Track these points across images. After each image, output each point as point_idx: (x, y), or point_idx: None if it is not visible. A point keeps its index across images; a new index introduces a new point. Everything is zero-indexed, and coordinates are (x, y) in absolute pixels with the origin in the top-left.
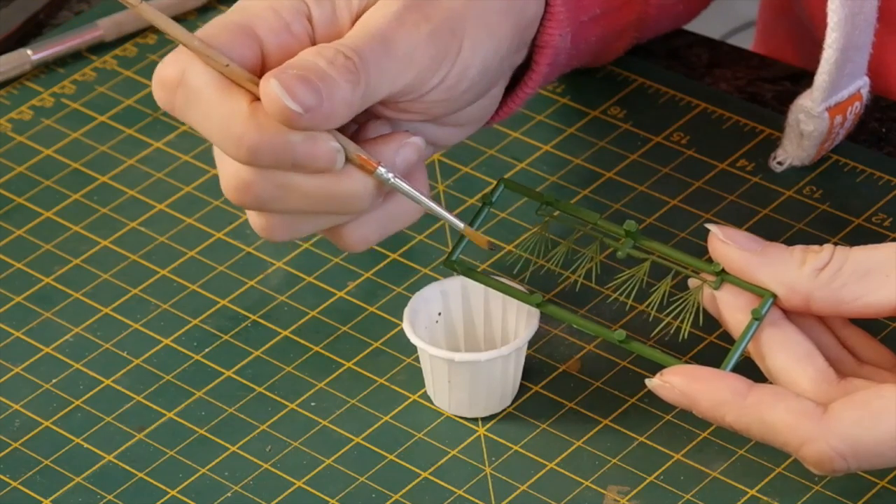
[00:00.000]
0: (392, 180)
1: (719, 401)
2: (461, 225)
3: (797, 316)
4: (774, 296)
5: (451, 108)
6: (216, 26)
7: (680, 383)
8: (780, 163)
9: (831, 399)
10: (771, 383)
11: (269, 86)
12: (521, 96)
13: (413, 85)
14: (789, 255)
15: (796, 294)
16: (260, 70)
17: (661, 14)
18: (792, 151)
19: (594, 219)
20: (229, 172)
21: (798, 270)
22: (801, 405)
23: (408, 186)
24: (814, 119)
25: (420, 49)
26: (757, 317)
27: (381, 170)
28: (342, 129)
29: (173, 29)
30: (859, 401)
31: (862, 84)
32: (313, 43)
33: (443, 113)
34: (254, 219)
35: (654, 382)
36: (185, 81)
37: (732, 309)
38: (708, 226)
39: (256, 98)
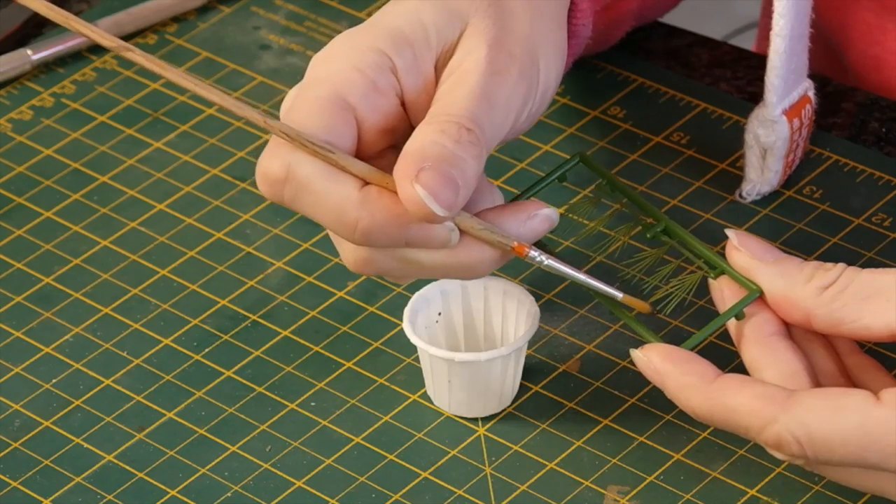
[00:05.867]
0: (545, 263)
1: (685, 384)
2: (619, 295)
3: (803, 337)
4: (760, 292)
5: (529, 127)
6: (309, 107)
7: (655, 360)
8: (745, 195)
9: None
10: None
11: (416, 192)
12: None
13: (512, 127)
14: (798, 270)
15: (797, 310)
16: (359, 141)
17: (657, 1)
18: (756, 178)
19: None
20: (349, 250)
21: (803, 286)
22: (767, 390)
23: (560, 265)
24: (774, 126)
25: (515, 93)
26: (735, 311)
27: (533, 254)
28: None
29: (275, 124)
30: (827, 393)
31: (808, 86)
32: (400, 95)
33: (524, 132)
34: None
35: (636, 354)
36: (291, 175)
37: (724, 300)
38: (727, 231)
39: (364, 182)
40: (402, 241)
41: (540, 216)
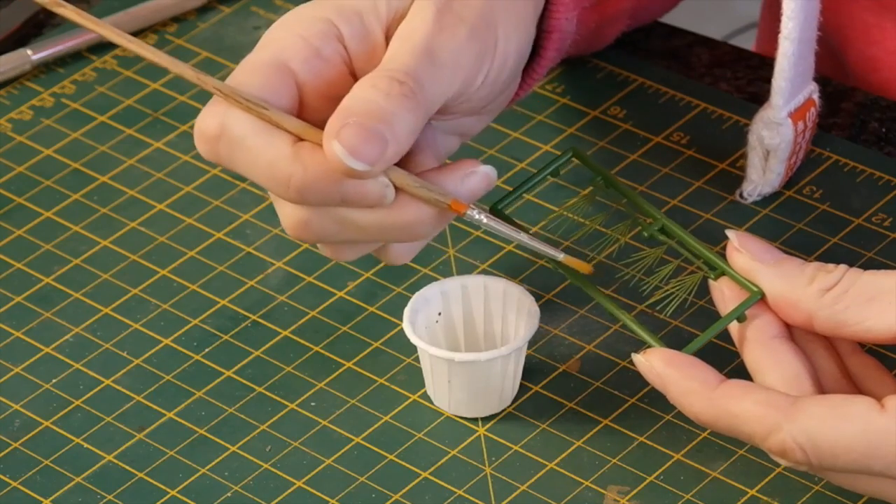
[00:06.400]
0: (484, 222)
1: (688, 389)
2: (560, 256)
3: (804, 339)
4: (762, 293)
5: (491, 99)
6: (248, 69)
7: (658, 365)
8: (746, 195)
9: None
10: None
11: (332, 149)
12: (530, 83)
13: (461, 88)
14: (800, 271)
15: (799, 312)
16: (299, 104)
17: (652, 1)
18: (758, 179)
19: (642, 205)
20: (286, 212)
21: (805, 288)
22: (770, 397)
23: (500, 226)
24: (778, 128)
25: (464, 52)
26: (736, 314)
27: (472, 212)
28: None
29: (209, 80)
30: (831, 401)
31: (813, 88)
32: (348, 63)
33: (483, 106)
34: (320, 246)
35: (638, 358)
36: (225, 132)
37: (725, 301)
38: (727, 231)
39: (298, 138)
40: (337, 197)
41: (478, 174)
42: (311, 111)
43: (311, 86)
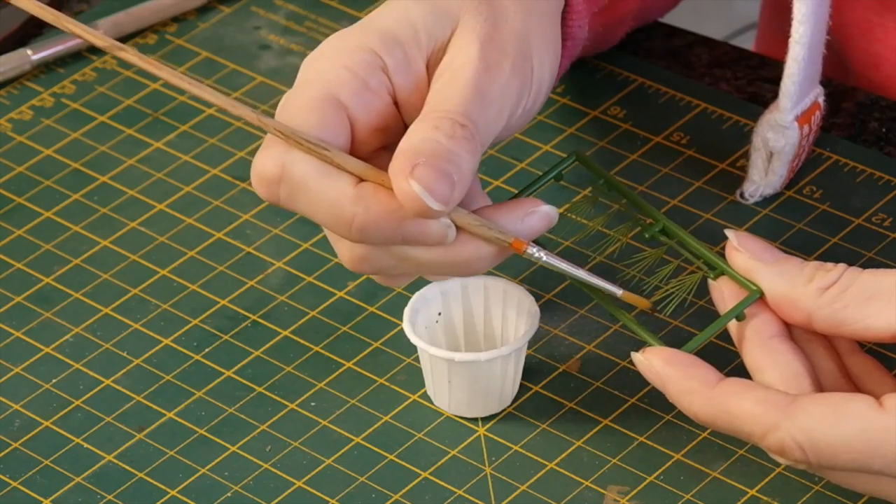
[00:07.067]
0: (544, 260)
1: (687, 388)
2: (619, 292)
3: (804, 338)
4: (761, 292)
5: (525, 123)
6: (303, 107)
7: (657, 364)
8: (747, 196)
9: None
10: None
11: (411, 188)
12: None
13: (507, 122)
14: (799, 270)
15: (798, 310)
16: (351, 140)
17: (657, 1)
18: (759, 180)
19: (643, 206)
20: (345, 248)
21: (804, 287)
22: (769, 395)
23: (560, 262)
24: (784, 132)
25: (508, 87)
26: (735, 312)
27: (532, 250)
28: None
29: (270, 122)
30: (829, 399)
31: (819, 92)
32: (392, 94)
33: (520, 129)
34: (375, 276)
35: (638, 357)
36: (286, 174)
37: (724, 300)
38: (726, 231)
39: (359, 179)
40: (399, 237)
41: (539, 213)
42: (358, 144)
43: (361, 119)
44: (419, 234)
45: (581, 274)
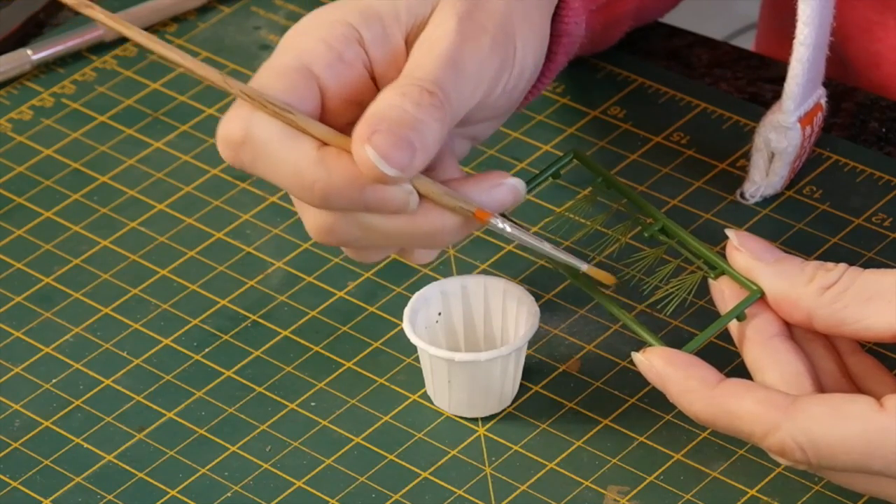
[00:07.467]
0: (508, 231)
1: (687, 388)
2: (583, 266)
3: (804, 338)
4: (761, 292)
5: (508, 107)
6: (272, 73)
7: (658, 364)
8: (748, 196)
9: None
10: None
11: (365, 153)
12: (539, 87)
13: (483, 98)
14: (800, 270)
15: (799, 310)
16: (321, 108)
17: (656, 1)
18: (760, 180)
19: (643, 205)
20: (310, 216)
21: (804, 287)
22: (770, 396)
23: (525, 235)
24: (787, 133)
25: (486, 62)
26: (736, 312)
27: (495, 221)
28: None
29: (235, 84)
30: (830, 400)
31: (822, 93)
32: (369, 68)
33: (501, 114)
34: (344, 249)
35: (638, 357)
36: (250, 137)
37: (724, 300)
38: (727, 231)
39: (323, 143)
40: (361, 203)
41: (506, 185)
42: (331, 115)
43: (333, 90)
44: (380, 201)
45: (546, 248)
